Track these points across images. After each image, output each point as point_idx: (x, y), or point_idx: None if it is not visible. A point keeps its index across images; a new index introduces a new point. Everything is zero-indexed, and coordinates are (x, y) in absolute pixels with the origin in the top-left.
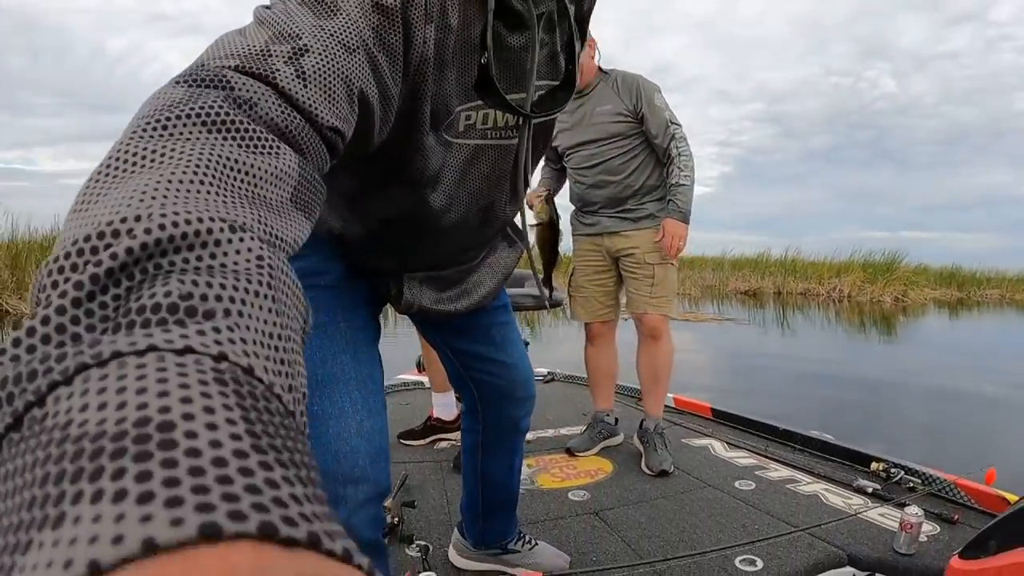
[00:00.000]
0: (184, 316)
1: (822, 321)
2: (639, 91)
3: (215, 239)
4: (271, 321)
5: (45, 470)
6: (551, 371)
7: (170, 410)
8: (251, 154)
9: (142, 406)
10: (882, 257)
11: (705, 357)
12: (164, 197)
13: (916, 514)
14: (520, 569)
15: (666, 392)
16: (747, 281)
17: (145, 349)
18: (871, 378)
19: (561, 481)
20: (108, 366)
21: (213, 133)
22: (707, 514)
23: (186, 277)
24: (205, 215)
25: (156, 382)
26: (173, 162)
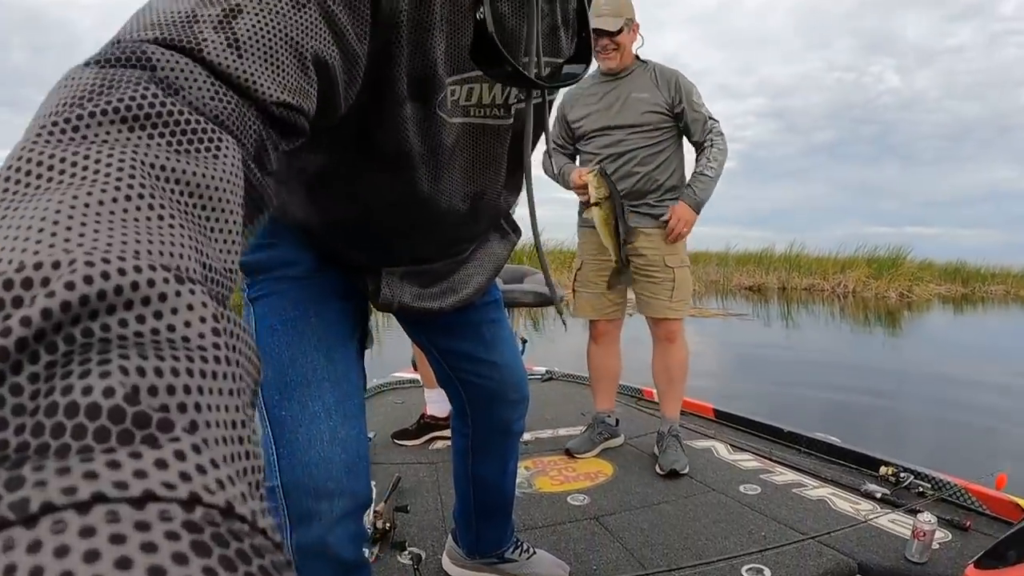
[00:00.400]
0: (134, 429)
1: (827, 317)
2: (678, 86)
3: (158, 293)
4: (232, 407)
5: None
6: (549, 369)
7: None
8: (183, 156)
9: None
10: (887, 253)
11: (710, 353)
12: (83, 229)
13: (929, 521)
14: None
15: (682, 394)
16: (751, 276)
17: (89, 500)
18: (877, 376)
19: (560, 484)
20: (38, 527)
21: (136, 131)
22: (711, 520)
23: (128, 360)
24: (143, 260)
25: (113, 565)
26: (88, 176)
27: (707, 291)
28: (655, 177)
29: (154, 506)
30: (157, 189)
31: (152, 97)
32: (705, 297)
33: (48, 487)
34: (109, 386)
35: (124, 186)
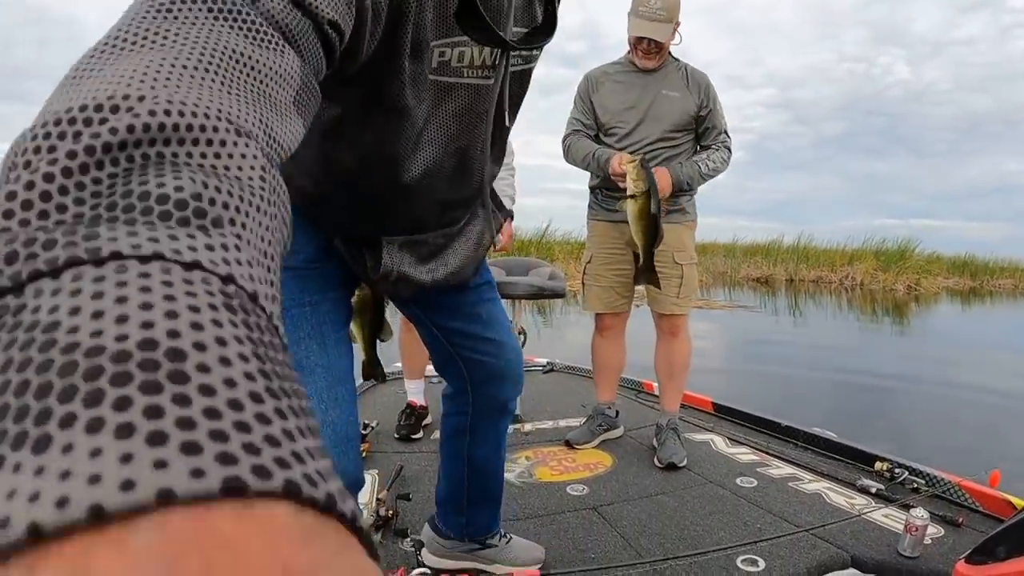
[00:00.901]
0: (192, 217)
1: (834, 309)
2: (708, 90)
3: (220, 139)
4: (266, 240)
5: (23, 376)
6: (551, 361)
7: (180, 335)
8: (257, 48)
9: (147, 324)
10: (895, 245)
11: (716, 346)
12: (167, 80)
13: (921, 516)
14: (498, 565)
15: (683, 388)
16: (759, 268)
17: (150, 256)
18: (883, 370)
19: (559, 474)
20: (105, 267)
21: (220, 21)
22: (708, 511)
23: (195, 173)
24: (212, 111)
25: (163, 299)
26: (177, 45)
27: (714, 283)
28: None
29: (199, 273)
30: (231, 66)
31: (232, 3)
32: (712, 289)
33: (118, 240)
34: (178, 185)
35: (206, 57)
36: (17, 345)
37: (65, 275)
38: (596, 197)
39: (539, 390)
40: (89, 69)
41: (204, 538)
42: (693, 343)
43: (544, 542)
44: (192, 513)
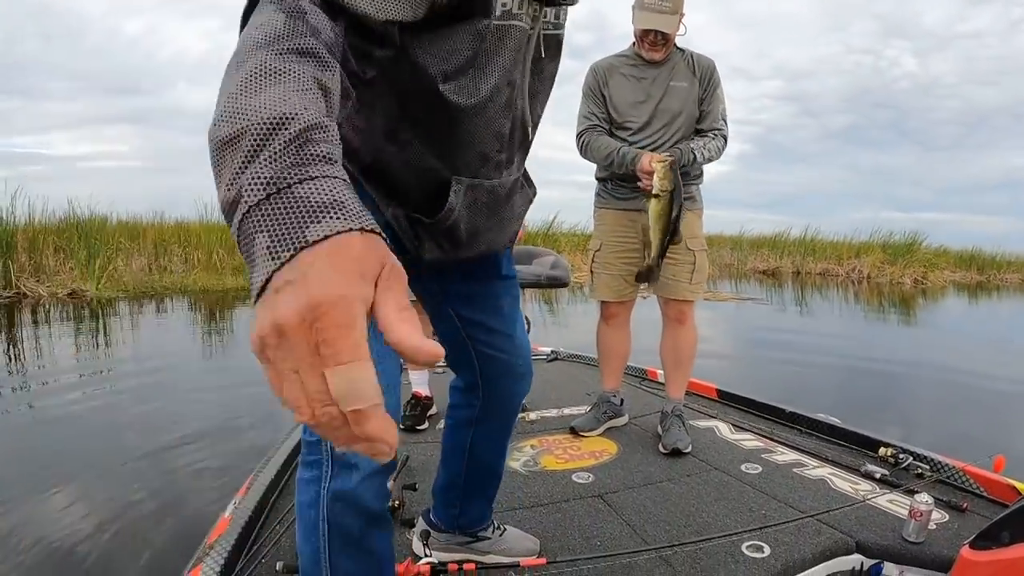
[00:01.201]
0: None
1: (840, 302)
2: (711, 74)
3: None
4: None
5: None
6: (555, 350)
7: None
8: (323, 72)
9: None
10: (902, 238)
11: (721, 336)
12: (295, 102)
13: (926, 502)
14: (492, 556)
15: (688, 376)
16: (766, 261)
17: (318, 175)
18: (888, 362)
19: (565, 462)
20: (316, 180)
21: (306, 61)
22: (713, 498)
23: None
24: (319, 116)
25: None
26: (293, 79)
27: (721, 275)
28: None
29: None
30: (312, 87)
31: (309, 42)
32: (719, 281)
33: (313, 171)
34: (325, 151)
35: (304, 83)
36: (292, 207)
37: (307, 182)
38: (606, 186)
39: (544, 378)
40: (253, 87)
41: (354, 242)
42: (700, 332)
43: (549, 530)
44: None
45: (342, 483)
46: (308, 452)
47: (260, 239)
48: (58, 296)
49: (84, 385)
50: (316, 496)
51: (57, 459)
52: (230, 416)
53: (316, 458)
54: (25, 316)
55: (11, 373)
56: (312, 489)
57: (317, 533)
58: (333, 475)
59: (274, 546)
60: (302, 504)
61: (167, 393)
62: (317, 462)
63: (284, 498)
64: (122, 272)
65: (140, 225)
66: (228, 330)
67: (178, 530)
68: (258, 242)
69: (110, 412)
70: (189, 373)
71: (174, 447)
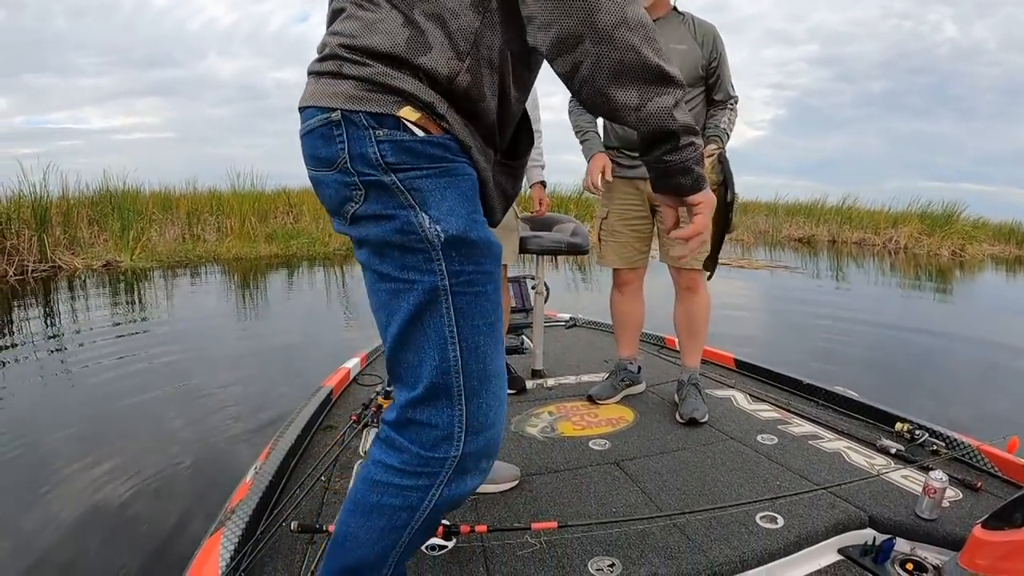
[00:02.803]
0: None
1: (876, 272)
2: (715, 40)
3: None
4: None
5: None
6: (573, 316)
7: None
8: None
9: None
10: (940, 209)
11: (754, 304)
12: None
13: (940, 479)
14: (482, 486)
15: (703, 344)
16: (801, 228)
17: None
18: (923, 332)
19: (582, 429)
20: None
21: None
22: (728, 468)
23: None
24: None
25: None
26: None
27: (756, 241)
28: None
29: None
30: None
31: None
32: (753, 248)
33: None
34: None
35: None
36: (691, 151)
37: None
38: (612, 155)
39: (562, 345)
40: (663, 52)
41: None
42: (732, 300)
43: (565, 496)
44: None
45: (459, 487)
46: (424, 464)
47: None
48: (93, 268)
49: (120, 353)
50: (420, 502)
51: (95, 424)
52: (265, 382)
53: (434, 471)
54: (61, 287)
55: (48, 339)
56: (415, 496)
57: (403, 532)
58: (449, 482)
59: (295, 509)
60: (390, 507)
61: (203, 358)
62: (434, 474)
63: (304, 463)
64: (156, 242)
65: (173, 195)
66: (262, 297)
67: (212, 492)
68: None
69: (147, 377)
70: (224, 339)
71: (210, 412)
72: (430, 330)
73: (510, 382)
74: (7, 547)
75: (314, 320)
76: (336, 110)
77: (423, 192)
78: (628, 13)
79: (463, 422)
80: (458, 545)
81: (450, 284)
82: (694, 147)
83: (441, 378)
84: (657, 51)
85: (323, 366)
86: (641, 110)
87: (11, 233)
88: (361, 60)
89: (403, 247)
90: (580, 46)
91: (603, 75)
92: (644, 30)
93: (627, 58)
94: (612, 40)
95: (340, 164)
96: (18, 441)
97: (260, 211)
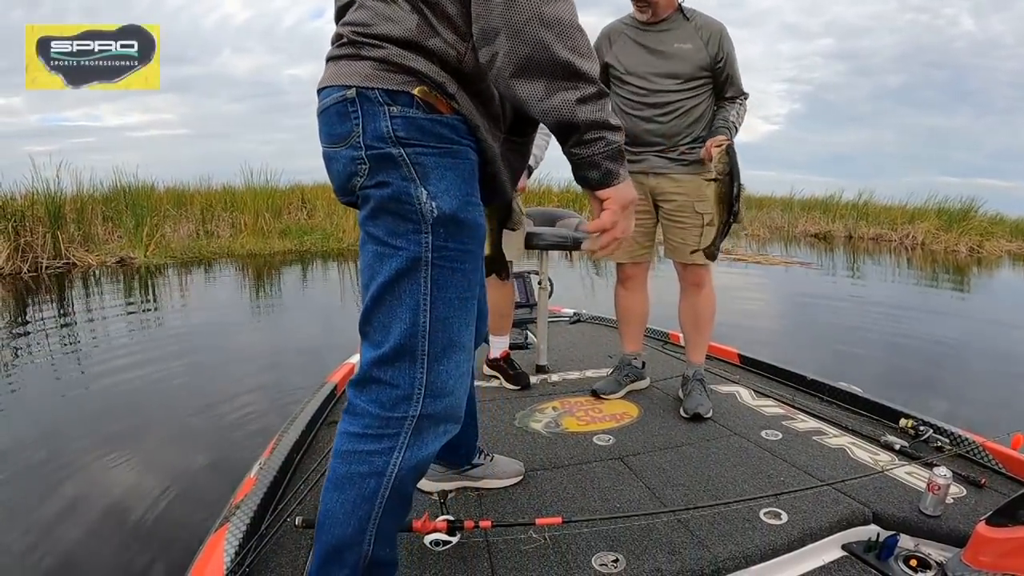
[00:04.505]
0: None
1: (893, 268)
2: (722, 42)
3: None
4: None
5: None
6: (577, 311)
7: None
8: None
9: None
10: (957, 204)
11: (767, 300)
12: None
13: (944, 475)
14: (486, 481)
15: (708, 340)
16: (817, 224)
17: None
18: (941, 333)
19: (586, 424)
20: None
21: None
22: (732, 463)
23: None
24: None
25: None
26: None
27: (771, 237)
28: (690, 130)
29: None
30: None
31: None
32: (769, 243)
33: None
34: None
35: None
36: (604, 143)
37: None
38: None
39: (566, 340)
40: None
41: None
42: (747, 294)
43: (569, 491)
44: None
45: (420, 450)
46: (384, 426)
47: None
48: (107, 264)
49: (133, 348)
50: (384, 466)
51: (110, 420)
52: (278, 374)
53: (394, 431)
54: (75, 284)
55: (62, 335)
56: (380, 460)
57: (374, 501)
58: (410, 444)
59: (299, 505)
60: (358, 475)
61: (216, 354)
62: (394, 435)
63: (308, 458)
64: (170, 239)
65: (187, 192)
66: (276, 292)
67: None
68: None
69: (160, 373)
70: (238, 335)
71: (224, 407)
72: (405, 295)
73: (515, 378)
74: (20, 536)
75: (329, 315)
76: (352, 87)
77: (426, 168)
78: (545, 10)
79: (423, 384)
80: (462, 540)
81: (432, 257)
82: (604, 142)
83: (408, 340)
84: (571, 46)
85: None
86: (543, 102)
87: (25, 230)
88: (379, 44)
89: (397, 214)
90: (497, 39)
91: (512, 67)
92: (560, 26)
93: (535, 53)
94: (523, 35)
95: (352, 139)
96: (31, 433)
97: (274, 207)
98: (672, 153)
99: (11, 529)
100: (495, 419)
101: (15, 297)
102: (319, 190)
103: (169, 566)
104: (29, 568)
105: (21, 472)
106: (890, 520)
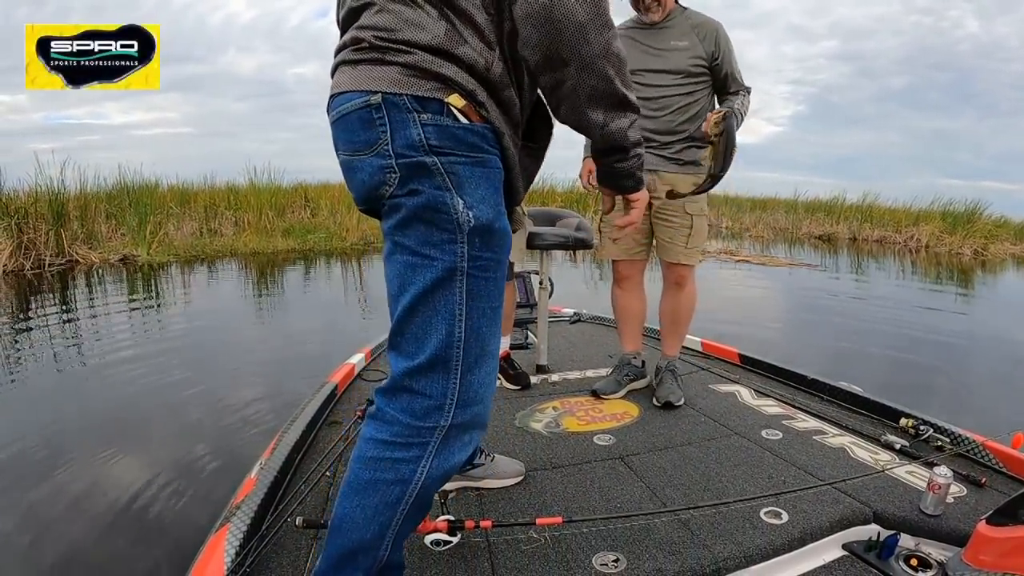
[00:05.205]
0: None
1: (897, 270)
2: (718, 40)
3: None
4: None
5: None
6: (577, 311)
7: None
8: None
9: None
10: (962, 207)
11: (772, 302)
12: None
13: (944, 475)
14: (487, 481)
15: (684, 335)
16: (821, 225)
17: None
18: (945, 337)
19: (586, 424)
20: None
21: None
22: (733, 463)
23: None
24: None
25: None
26: None
27: (775, 238)
28: (684, 127)
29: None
30: None
31: None
32: (773, 245)
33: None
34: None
35: None
36: (635, 159)
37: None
38: None
39: (566, 340)
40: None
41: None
42: (752, 294)
43: (570, 491)
44: None
45: (447, 459)
46: (414, 435)
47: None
48: (110, 262)
49: (136, 346)
50: (411, 474)
51: (110, 415)
52: (279, 373)
53: (423, 440)
54: (78, 281)
55: (64, 331)
56: (406, 468)
57: (396, 508)
58: (437, 453)
59: (299, 505)
60: (383, 481)
61: (218, 351)
62: (423, 443)
63: (309, 458)
64: (173, 237)
65: (190, 190)
66: (279, 290)
67: (222, 485)
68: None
69: (162, 369)
70: (240, 333)
71: (224, 405)
72: (441, 306)
73: (515, 378)
74: (21, 533)
75: (331, 314)
76: (377, 93)
77: (460, 177)
78: (612, 47)
79: (455, 394)
80: (462, 540)
81: (468, 267)
82: (639, 157)
83: (443, 351)
84: (624, 81)
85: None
86: (604, 128)
87: (28, 227)
88: (407, 50)
89: (431, 224)
90: (566, 68)
91: (581, 96)
92: (619, 62)
93: (601, 85)
94: (593, 68)
95: (379, 147)
96: (33, 430)
97: (277, 206)
98: (665, 151)
99: (11, 527)
100: (495, 419)
101: (18, 294)
102: (323, 189)
103: (169, 566)
104: (29, 565)
105: (21, 470)
106: (890, 519)
